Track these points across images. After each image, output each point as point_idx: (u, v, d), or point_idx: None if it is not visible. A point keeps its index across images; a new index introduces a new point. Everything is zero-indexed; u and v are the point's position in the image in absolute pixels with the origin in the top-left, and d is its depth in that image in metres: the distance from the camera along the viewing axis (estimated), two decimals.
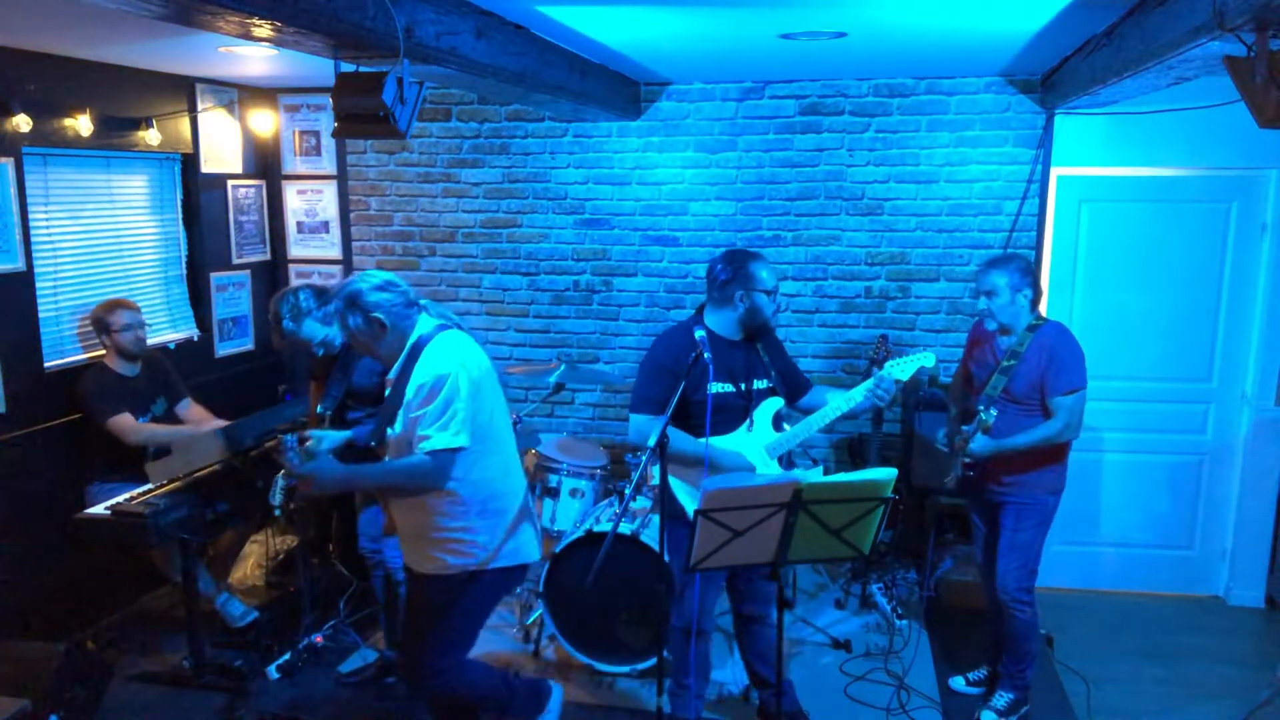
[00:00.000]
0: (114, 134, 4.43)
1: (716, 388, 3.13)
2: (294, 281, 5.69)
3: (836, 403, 3.22)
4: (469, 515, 2.81)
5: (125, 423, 4.03)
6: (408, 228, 5.55)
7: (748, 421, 3.23)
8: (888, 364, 3.23)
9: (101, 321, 4.13)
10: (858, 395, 3.19)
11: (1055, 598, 4.76)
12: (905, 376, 3.22)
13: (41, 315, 4.13)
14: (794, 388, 3.38)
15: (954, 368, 4.00)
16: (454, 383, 2.69)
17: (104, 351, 4.18)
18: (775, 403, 3.28)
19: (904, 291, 5.03)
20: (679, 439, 3.11)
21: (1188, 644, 4.39)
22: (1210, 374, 4.73)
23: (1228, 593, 4.82)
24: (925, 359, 3.26)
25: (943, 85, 4.80)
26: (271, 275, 5.66)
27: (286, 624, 4.22)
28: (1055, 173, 4.74)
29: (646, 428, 3.07)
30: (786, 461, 3.32)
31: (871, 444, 4.59)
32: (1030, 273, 3.43)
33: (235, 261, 5.35)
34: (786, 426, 3.32)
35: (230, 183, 5.28)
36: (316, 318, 3.68)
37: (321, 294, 3.70)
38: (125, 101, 4.49)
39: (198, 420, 4.39)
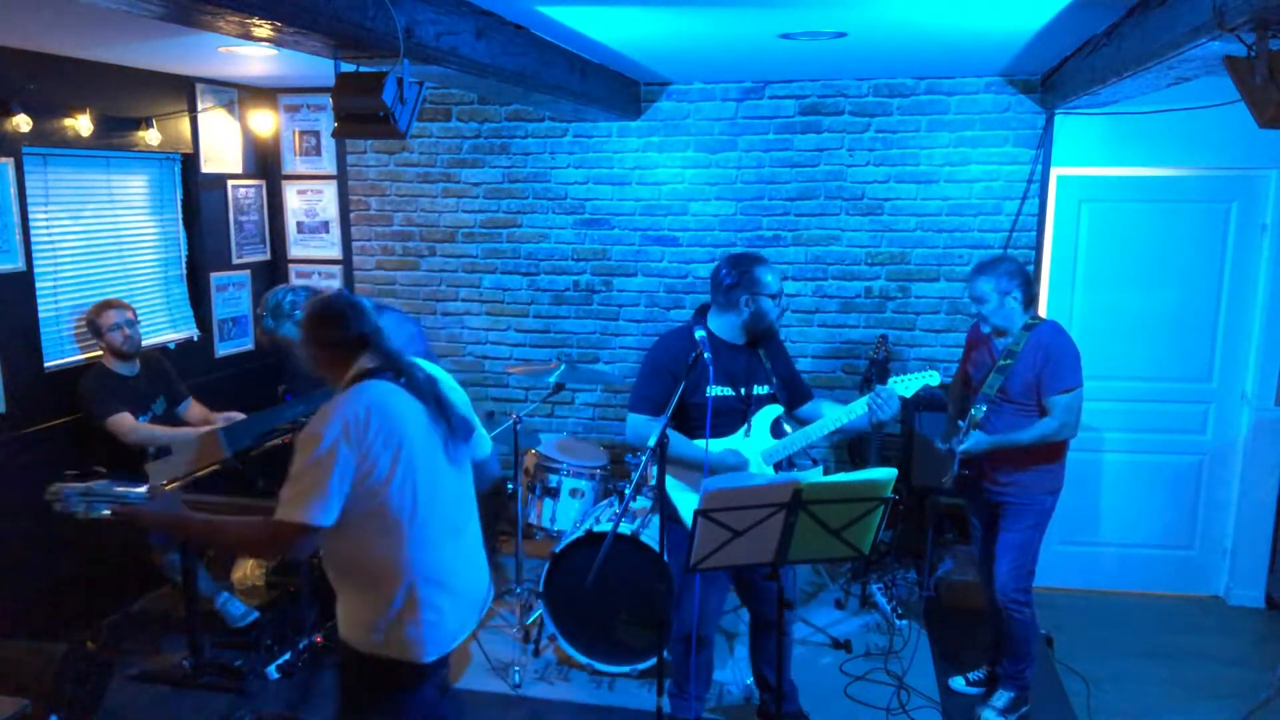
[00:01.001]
0: (114, 134, 4.43)
1: (715, 390, 3.12)
2: (294, 281, 5.70)
3: (836, 414, 3.20)
4: (352, 587, 2.41)
5: (124, 422, 4.03)
6: (408, 228, 5.55)
7: (745, 426, 3.22)
8: (891, 379, 3.17)
9: (93, 323, 4.14)
10: (858, 409, 3.14)
11: (1055, 598, 4.76)
12: (909, 394, 3.17)
13: (41, 315, 4.12)
14: (794, 395, 3.37)
15: (954, 369, 4.00)
16: (323, 451, 2.22)
17: (101, 352, 4.18)
18: (774, 409, 3.27)
19: (904, 291, 5.03)
20: (676, 441, 3.11)
21: (1188, 644, 4.39)
22: (1210, 374, 4.73)
23: (1228, 593, 4.82)
24: (930, 378, 3.19)
25: (943, 85, 4.80)
26: (271, 275, 5.66)
27: (286, 624, 4.22)
28: (1055, 173, 4.74)
29: (644, 427, 3.08)
30: (786, 466, 3.31)
31: (871, 444, 4.60)
32: (1018, 274, 3.42)
33: (235, 261, 5.35)
34: (788, 430, 3.32)
35: (230, 183, 5.28)
36: (296, 321, 3.67)
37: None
38: (125, 101, 4.49)
39: (199, 420, 4.39)
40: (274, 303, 3.70)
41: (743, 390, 3.21)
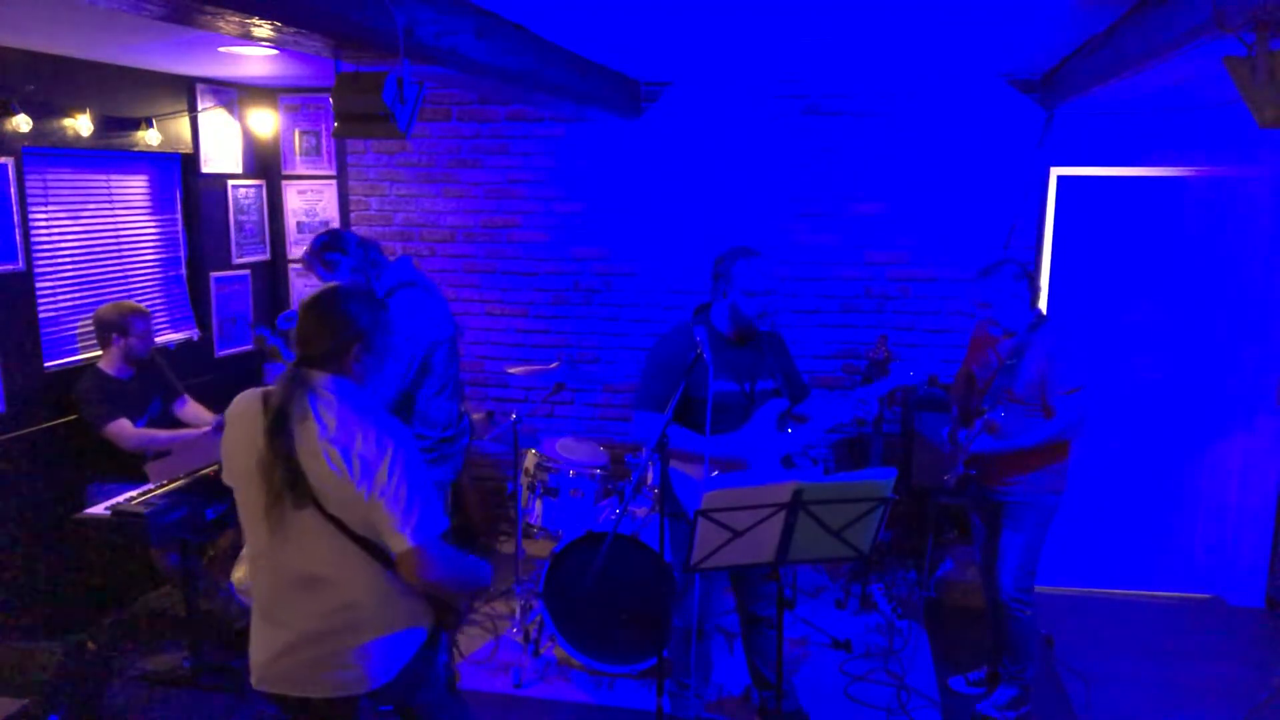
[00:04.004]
0: (114, 134, 4.43)
1: (719, 386, 3.13)
2: (294, 282, 5.70)
3: (831, 412, 3.28)
4: None
5: (123, 429, 4.00)
6: (408, 228, 5.55)
7: (750, 421, 3.23)
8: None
9: (116, 324, 4.09)
10: (844, 415, 3.25)
11: (1055, 598, 4.76)
12: (883, 392, 3.29)
13: (41, 315, 4.12)
14: (792, 393, 3.38)
15: (955, 368, 4.00)
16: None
17: (101, 354, 4.16)
18: (779, 404, 3.28)
19: (904, 291, 5.03)
20: (680, 436, 3.12)
21: (1188, 644, 4.39)
22: (1210, 374, 4.73)
23: (1228, 593, 4.82)
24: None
25: (943, 85, 4.80)
26: (271, 275, 5.66)
27: None
28: (1055, 173, 4.74)
29: (648, 424, 3.12)
30: (787, 462, 3.32)
31: (872, 444, 4.60)
32: (1022, 276, 3.43)
33: (235, 261, 5.35)
34: (790, 428, 3.33)
35: (230, 183, 5.28)
36: (327, 259, 3.65)
37: (365, 245, 3.66)
38: (125, 101, 4.49)
39: (195, 418, 4.38)
40: (323, 242, 3.70)
41: (747, 385, 3.22)
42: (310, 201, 5.63)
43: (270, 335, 3.96)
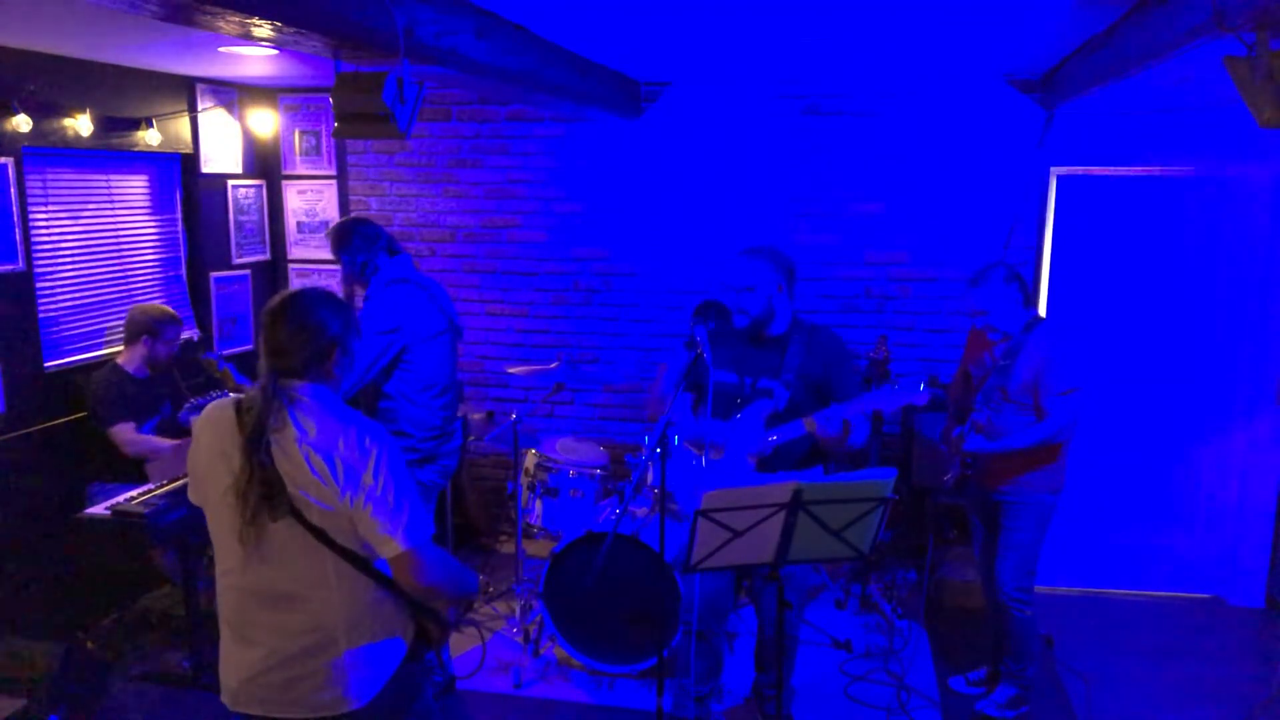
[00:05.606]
0: (114, 134, 4.42)
1: (719, 376, 3.18)
2: (295, 282, 5.70)
3: (797, 425, 3.17)
4: None
5: (125, 434, 3.98)
6: (408, 228, 5.55)
7: (738, 414, 3.23)
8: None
9: (148, 327, 4.08)
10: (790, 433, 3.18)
11: (1055, 598, 4.76)
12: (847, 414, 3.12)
13: (41, 315, 4.12)
14: (837, 396, 3.19)
15: (953, 369, 4.01)
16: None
17: (121, 349, 4.15)
18: (766, 405, 3.22)
19: (904, 291, 5.03)
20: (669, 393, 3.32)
21: (1188, 644, 4.39)
22: (1210, 373, 4.73)
23: (1228, 593, 4.82)
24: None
25: (943, 85, 4.80)
26: (271, 275, 5.66)
27: None
28: (1055, 173, 4.75)
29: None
30: (768, 465, 3.25)
31: (872, 444, 4.59)
32: (1013, 278, 3.44)
33: (235, 261, 5.34)
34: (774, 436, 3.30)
35: (230, 183, 5.28)
36: (343, 247, 3.65)
37: (366, 245, 3.64)
38: (125, 101, 4.49)
39: None
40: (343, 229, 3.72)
41: (748, 380, 3.25)
42: (310, 201, 5.63)
43: (221, 360, 3.91)
